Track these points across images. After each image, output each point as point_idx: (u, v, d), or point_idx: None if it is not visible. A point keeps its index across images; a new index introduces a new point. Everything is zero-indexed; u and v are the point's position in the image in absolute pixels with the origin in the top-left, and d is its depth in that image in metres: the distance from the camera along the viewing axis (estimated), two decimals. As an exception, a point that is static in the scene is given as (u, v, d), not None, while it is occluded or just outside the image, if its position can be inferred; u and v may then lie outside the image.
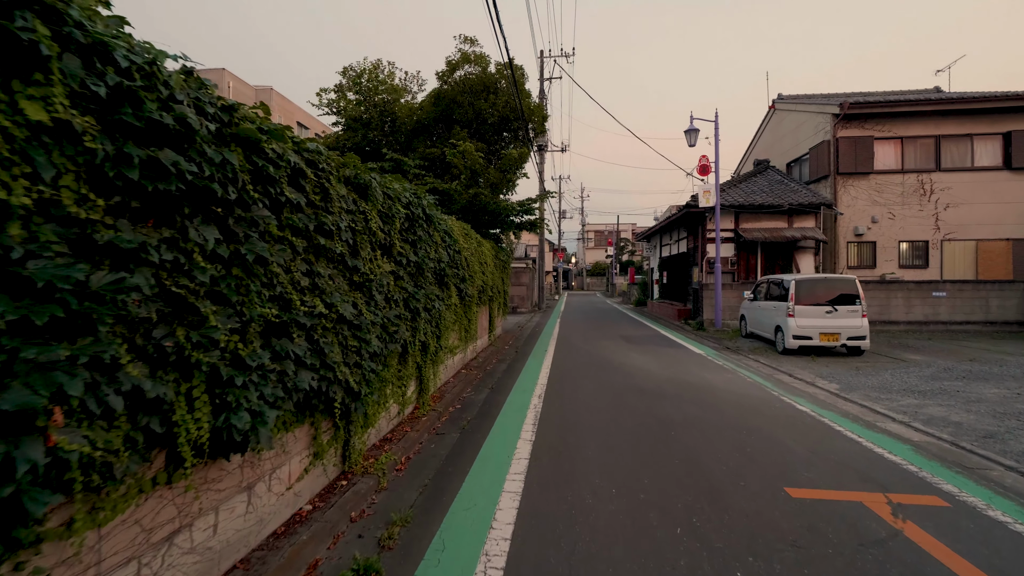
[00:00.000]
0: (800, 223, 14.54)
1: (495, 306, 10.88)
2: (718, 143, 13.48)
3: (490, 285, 9.21)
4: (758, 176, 16.53)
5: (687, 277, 16.78)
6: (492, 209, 10.10)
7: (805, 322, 9.31)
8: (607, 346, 10.66)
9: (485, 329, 10.11)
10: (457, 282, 6.51)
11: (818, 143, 15.06)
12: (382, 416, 4.24)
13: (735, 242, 14.58)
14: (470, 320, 7.85)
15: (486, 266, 8.79)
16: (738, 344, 11.01)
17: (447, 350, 6.65)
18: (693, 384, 6.85)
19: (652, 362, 8.62)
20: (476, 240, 8.02)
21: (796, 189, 15.08)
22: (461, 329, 7.41)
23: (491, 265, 9.53)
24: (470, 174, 9.94)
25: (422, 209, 4.73)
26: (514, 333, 13.13)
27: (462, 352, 7.71)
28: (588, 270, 58.48)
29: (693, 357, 9.31)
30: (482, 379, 7.33)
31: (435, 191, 9.86)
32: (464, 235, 7.10)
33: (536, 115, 12.33)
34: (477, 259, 8.08)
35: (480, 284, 8.21)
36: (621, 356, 9.27)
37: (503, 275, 11.62)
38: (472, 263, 7.52)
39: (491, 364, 8.58)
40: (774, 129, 18.59)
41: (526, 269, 22.10)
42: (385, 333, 3.77)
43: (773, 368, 8.28)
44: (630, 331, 13.75)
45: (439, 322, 5.59)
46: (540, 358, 9.10)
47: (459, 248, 6.42)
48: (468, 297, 7.21)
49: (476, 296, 8.09)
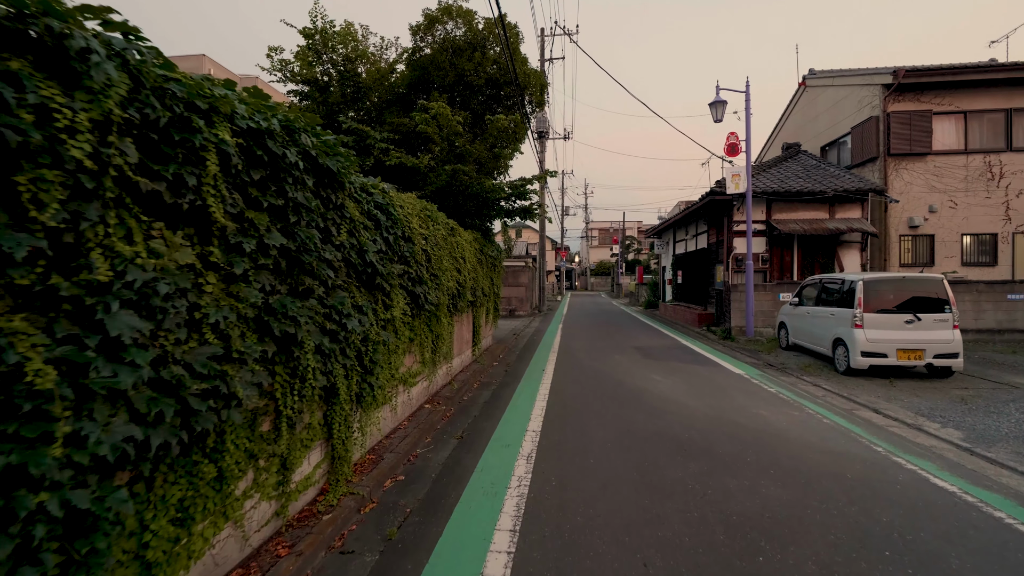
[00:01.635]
0: (844, 213, 12.41)
1: (481, 312, 8.81)
2: (749, 117, 11.38)
3: (470, 287, 7.16)
4: (789, 161, 14.40)
5: (708, 277, 14.67)
6: (475, 192, 8.03)
7: (878, 334, 7.20)
8: (620, 362, 8.58)
9: (467, 342, 8.05)
10: (409, 284, 4.45)
11: (863, 120, 12.92)
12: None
13: (766, 236, 12.47)
14: (439, 335, 5.80)
15: (464, 263, 6.73)
16: (781, 359, 8.91)
17: (398, 381, 4.60)
18: (752, 430, 4.77)
19: (682, 387, 6.54)
20: (447, 227, 5.96)
21: (837, 174, 12.95)
22: (423, 350, 5.36)
23: (473, 262, 7.47)
24: (448, 147, 7.88)
25: (302, 152, 2.65)
26: (507, 343, 11.06)
27: (427, 379, 5.65)
28: (592, 269, 56.32)
29: (733, 379, 7.22)
30: (451, 419, 5.27)
31: (401, 168, 7.81)
32: (424, 218, 5.04)
33: (533, 82, 10.25)
34: (449, 253, 6.03)
35: (454, 287, 6.15)
36: (640, 377, 7.19)
37: (492, 275, 9.56)
38: (439, 258, 5.47)
39: (469, 392, 6.51)
40: (805, 109, 16.44)
41: (525, 268, 20.04)
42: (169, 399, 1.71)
43: (845, 398, 6.18)
44: (645, 340, 11.65)
45: (370, 349, 3.54)
46: (535, 382, 7.03)
47: (410, 234, 4.36)
48: (432, 305, 5.16)
49: (448, 303, 6.04)
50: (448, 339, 6.40)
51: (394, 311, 3.96)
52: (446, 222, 5.93)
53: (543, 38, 20.66)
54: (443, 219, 5.79)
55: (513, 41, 9.76)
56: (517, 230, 51.74)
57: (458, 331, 7.28)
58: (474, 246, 7.77)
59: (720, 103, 11.39)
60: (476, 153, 8.12)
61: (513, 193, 8.49)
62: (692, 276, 16.53)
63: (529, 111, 11.83)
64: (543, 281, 22.55)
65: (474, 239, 7.85)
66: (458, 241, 6.46)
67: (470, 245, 7.41)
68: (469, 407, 5.75)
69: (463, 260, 6.66)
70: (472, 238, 7.76)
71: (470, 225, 9.38)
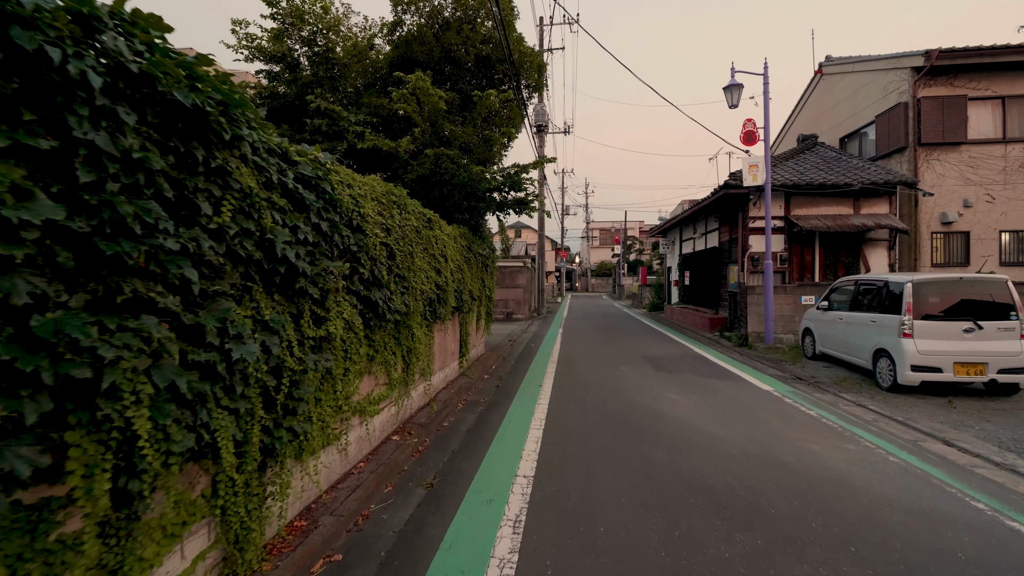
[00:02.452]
0: (870, 208, 11.36)
1: (470, 318, 7.77)
2: (768, 102, 10.34)
3: (454, 289, 6.12)
4: (806, 154, 13.35)
5: (719, 278, 13.63)
6: (462, 181, 6.98)
7: (931, 345, 6.15)
8: (628, 375, 7.53)
9: (453, 353, 7.01)
10: (360, 288, 3.41)
11: (889, 108, 11.88)
12: None
13: (785, 233, 11.42)
14: (411, 349, 4.75)
15: (445, 262, 5.69)
16: (810, 371, 7.86)
17: (351, 411, 3.56)
18: (805, 474, 3.72)
19: (705, 409, 5.49)
20: (421, 219, 4.92)
21: (861, 166, 11.90)
22: (389, 368, 4.32)
23: (457, 261, 6.44)
24: (430, 129, 6.84)
25: (115, 66, 1.59)
26: (502, 351, 10.02)
27: (395, 403, 4.61)
28: (593, 270, 55.24)
29: (762, 397, 6.17)
30: (423, 456, 4.22)
31: (376, 153, 6.78)
32: (387, 204, 3.99)
33: (530, 62, 9.21)
34: (425, 250, 4.99)
35: (431, 290, 5.11)
36: (653, 395, 6.14)
37: (483, 275, 8.52)
38: (409, 255, 4.44)
39: (452, 414, 5.46)
40: (821, 99, 15.41)
41: (523, 269, 19.00)
42: None
43: (903, 424, 5.13)
44: (654, 347, 10.60)
45: (287, 381, 2.49)
46: (530, 400, 5.99)
47: (360, 223, 3.31)
48: (399, 314, 4.12)
49: (424, 310, 4.99)
50: (425, 352, 5.36)
51: (332, 325, 2.91)
52: (421, 212, 4.88)
53: (542, 27, 19.65)
54: (416, 208, 4.75)
55: (507, 15, 8.72)
56: (516, 230, 50.74)
57: (440, 341, 6.24)
58: (460, 243, 6.73)
59: (735, 87, 10.36)
60: (463, 137, 7.08)
61: (506, 183, 7.44)
62: (701, 277, 15.49)
63: (526, 96, 10.80)
64: (542, 282, 21.51)
65: (460, 235, 6.81)
66: (437, 236, 5.41)
67: (454, 241, 6.37)
68: (448, 437, 4.70)
69: (444, 258, 5.62)
70: (458, 233, 6.71)
71: (460, 221, 8.35)
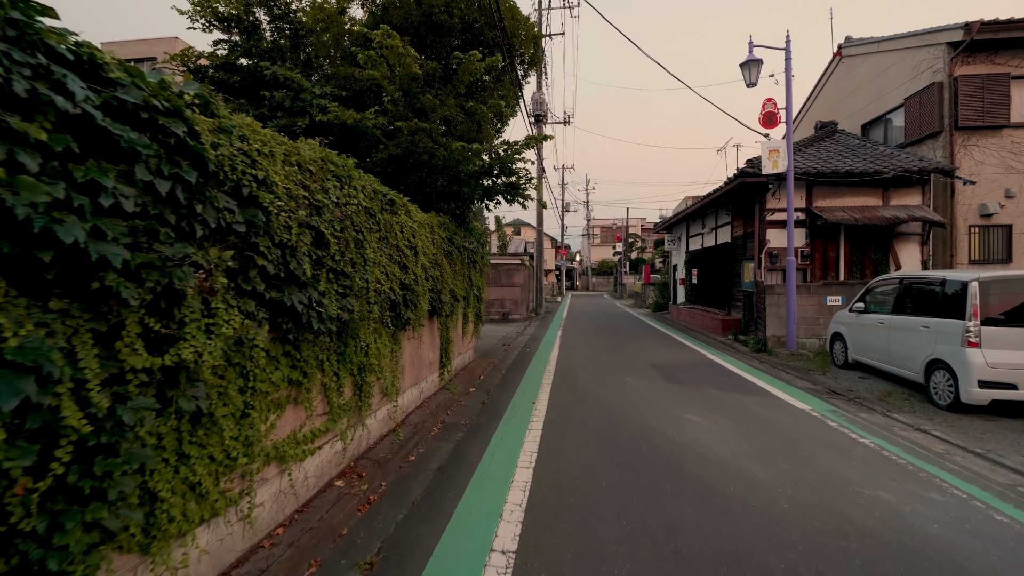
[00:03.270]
0: (900, 199, 10.30)
1: (454, 322, 6.72)
2: (790, 80, 9.27)
3: (426, 289, 5.07)
4: (826, 141, 12.28)
5: (731, 276, 12.57)
6: (443, 162, 5.92)
7: (1002, 356, 5.10)
8: (636, 389, 6.48)
9: (431, 364, 5.96)
10: (260, 287, 2.36)
11: (920, 89, 10.81)
12: None
13: (806, 227, 10.36)
14: (363, 367, 3.70)
15: (415, 256, 4.64)
16: (845, 383, 6.82)
17: (264, 459, 2.53)
18: (892, 547, 2.66)
19: (736, 440, 4.44)
20: (378, 199, 3.86)
21: (889, 153, 10.84)
22: (329, 393, 3.27)
23: (434, 255, 5.39)
24: (403, 99, 5.79)
25: None
26: (493, 357, 8.97)
27: (341, 438, 3.55)
28: (593, 269, 54.15)
29: (800, 420, 5.12)
30: (368, 515, 3.16)
31: (343, 130, 5.74)
32: (316, 173, 2.93)
33: (524, 30, 8.13)
34: (383, 239, 3.94)
35: (391, 290, 4.06)
36: (669, 418, 5.09)
37: (470, 272, 7.46)
38: (358, 245, 3.39)
39: (422, 444, 4.41)
40: (840, 84, 14.33)
41: (520, 267, 17.94)
42: None
43: (986, 459, 4.08)
44: (662, 353, 9.54)
45: (96, 448, 1.43)
46: (520, 425, 4.94)
47: (251, 189, 2.24)
48: (335, 322, 3.07)
49: (384, 315, 3.94)
50: (389, 368, 4.30)
51: (190, 346, 1.85)
52: (376, 191, 3.82)
53: (540, 9, 18.57)
54: (370, 185, 3.69)
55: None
56: (515, 227, 49.66)
57: (412, 352, 5.19)
58: (438, 234, 5.67)
59: (754, 62, 9.28)
60: (443, 111, 6.01)
61: (496, 164, 6.37)
62: (711, 275, 14.43)
63: (521, 75, 9.75)
64: (540, 281, 20.46)
65: (439, 224, 5.75)
66: (403, 223, 4.35)
67: (430, 232, 5.31)
68: (410, 480, 3.65)
69: (412, 251, 4.56)
70: (436, 223, 5.66)
71: (446, 212, 7.31)
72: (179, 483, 2.00)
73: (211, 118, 2.13)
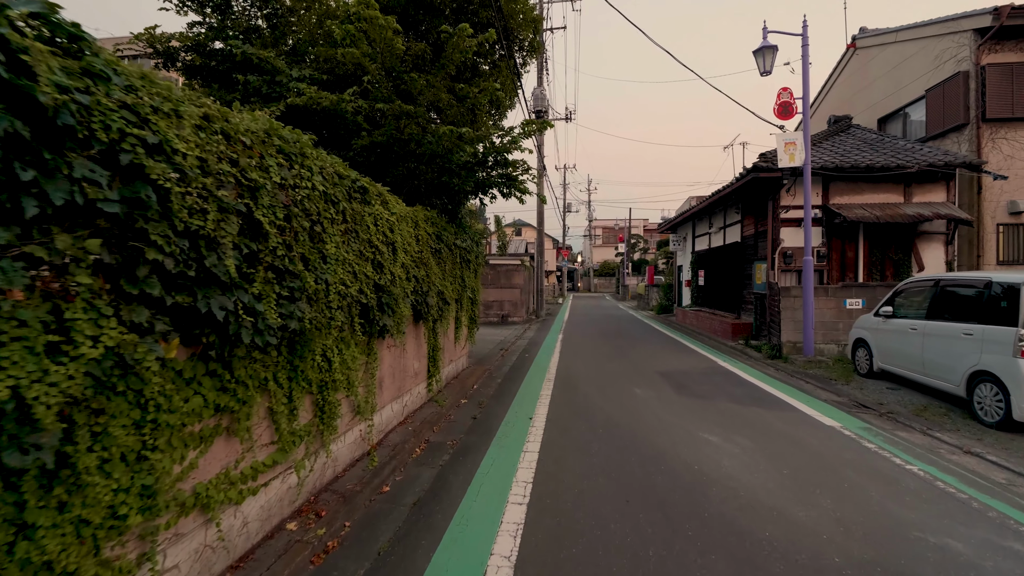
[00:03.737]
0: (923, 196, 9.68)
1: (442, 328, 6.13)
2: (807, 68, 8.66)
3: (411, 291, 4.49)
4: (841, 135, 11.66)
5: (742, 277, 11.96)
6: (432, 150, 5.32)
7: (1063, 369, 4.49)
8: (646, 403, 5.88)
9: (417, 374, 5.37)
10: (155, 290, 1.76)
11: (944, 80, 10.19)
12: None
13: (823, 225, 9.75)
14: (325, 384, 3.11)
15: (392, 253, 4.05)
16: (872, 394, 6.21)
17: (173, 511, 1.93)
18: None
19: (765, 467, 3.83)
20: (338, 184, 3.27)
21: (910, 147, 10.23)
22: (273, 420, 2.68)
23: (418, 252, 4.79)
24: (385, 78, 5.20)
25: None
26: (490, 364, 8.37)
27: (294, 471, 2.96)
28: (595, 270, 53.51)
29: (833, 441, 4.50)
30: (321, 570, 2.56)
31: (325, 115, 5.17)
32: (251, 144, 2.35)
33: (523, 12, 7.54)
34: (348, 231, 3.35)
35: (363, 293, 3.47)
36: (686, 441, 4.48)
37: (464, 272, 6.87)
38: (315, 238, 2.80)
39: (397, 475, 3.80)
40: (854, 77, 13.72)
41: (520, 267, 17.34)
42: None
43: (1059, 491, 3.46)
44: (670, 359, 8.93)
45: None
46: (514, 448, 4.34)
47: (139, 158, 1.65)
48: (275, 332, 2.48)
49: (347, 321, 3.35)
50: (365, 382, 3.72)
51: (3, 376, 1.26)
52: (343, 175, 3.23)
53: (541, 3, 18.00)
54: (332, 166, 3.10)
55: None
56: (516, 228, 49.07)
57: (394, 362, 4.60)
58: (424, 230, 5.08)
59: (768, 49, 8.69)
60: (430, 94, 5.42)
61: (490, 153, 5.78)
62: (719, 276, 13.82)
63: (520, 62, 9.17)
64: (541, 282, 19.87)
65: (425, 219, 5.16)
66: (379, 215, 3.76)
67: (414, 227, 4.72)
68: (379, 520, 3.05)
69: (391, 248, 3.97)
70: (422, 217, 5.07)
71: (438, 208, 6.73)
72: (16, 570, 1.41)
73: (77, 59, 1.54)
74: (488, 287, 16.91)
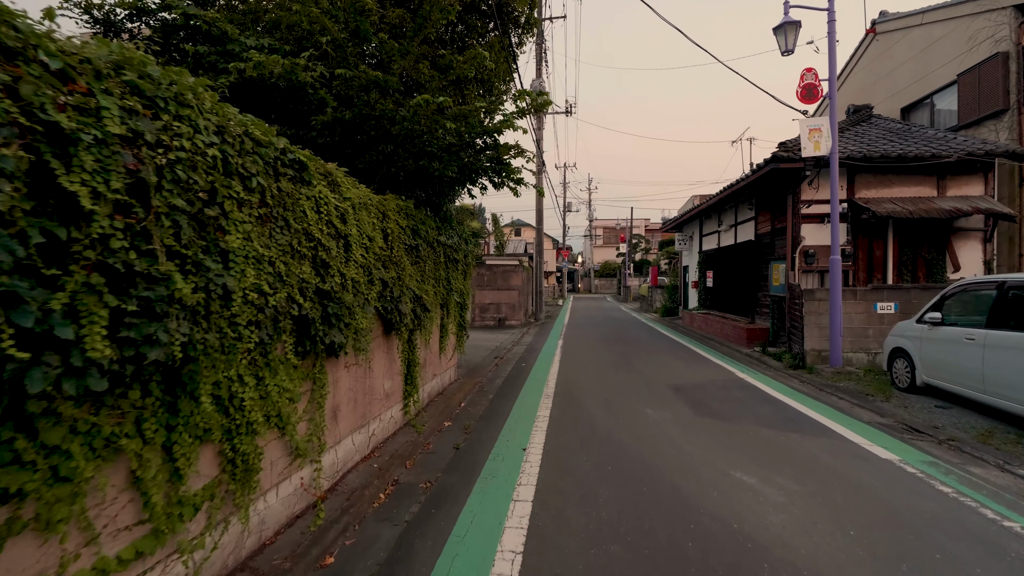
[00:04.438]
0: (959, 188, 8.83)
1: (422, 338, 5.26)
2: (834, 46, 7.79)
3: (375, 295, 3.62)
4: (863, 125, 10.81)
5: (756, 278, 11.10)
6: (407, 130, 4.46)
7: None
8: (660, 426, 5.01)
9: (388, 396, 4.50)
10: None
11: (979, 62, 9.35)
12: None
13: (848, 222, 8.89)
14: (231, 432, 2.25)
15: (343, 249, 3.18)
16: (920, 414, 5.35)
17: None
18: None
19: (824, 524, 2.96)
20: (274, 156, 2.40)
21: (941, 137, 9.37)
22: (117, 495, 1.81)
23: (394, 250, 3.93)
24: (347, 40, 4.35)
25: None
26: (481, 375, 7.49)
27: (181, 556, 2.08)
28: (596, 271, 52.61)
29: (899, 484, 3.63)
30: None
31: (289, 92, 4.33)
32: (78, 74, 1.48)
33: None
34: (269, 215, 2.48)
35: (304, 300, 2.60)
36: (715, 483, 3.61)
37: (450, 273, 6.01)
38: (214, 222, 1.93)
39: (345, 538, 2.92)
40: (874, 64, 12.88)
41: (518, 268, 16.48)
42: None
43: None
44: (683, 370, 8.06)
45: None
46: (501, 494, 3.47)
47: None
48: (98, 371, 1.60)
49: (268, 338, 2.48)
50: (311, 414, 2.85)
51: None
52: (260, 139, 2.36)
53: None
54: (239, 122, 2.23)
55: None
56: (516, 228, 48.20)
57: (354, 385, 3.73)
58: (397, 222, 4.21)
59: (790, 25, 7.83)
60: (403, 62, 4.56)
61: (477, 135, 4.92)
62: (730, 278, 12.96)
63: (515, 41, 8.31)
64: (540, 283, 19.00)
65: (397, 209, 4.30)
66: (323, 199, 2.89)
67: (380, 219, 3.86)
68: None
69: (342, 243, 3.10)
70: (395, 207, 4.20)
71: (422, 201, 5.88)
72: None
73: None
74: (484, 289, 16.06)
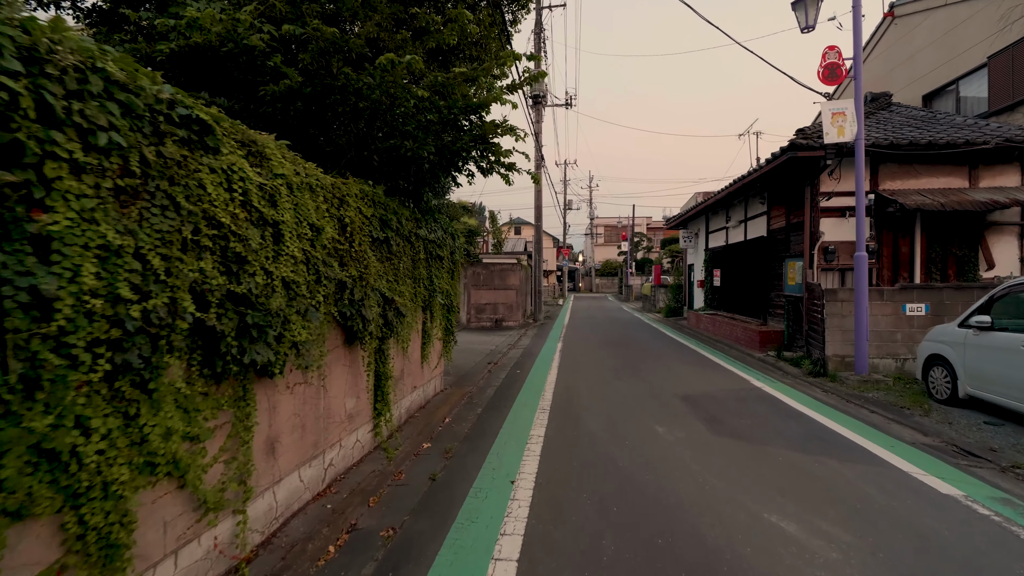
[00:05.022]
0: (992, 179, 8.12)
1: (397, 346, 4.57)
2: (859, 22, 7.06)
3: (319, 299, 2.92)
4: (883, 112, 10.09)
5: (769, 277, 10.38)
6: (374, 98, 3.77)
7: None
8: (672, 449, 4.31)
9: (353, 417, 3.81)
10: None
11: (1011, 44, 8.64)
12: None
13: (872, 215, 8.18)
14: (82, 499, 1.56)
15: (282, 239, 2.49)
16: (968, 432, 4.66)
17: None
18: None
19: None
20: (152, 107, 1.69)
21: (971, 124, 8.66)
22: None
23: (351, 242, 3.24)
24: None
25: None
26: (471, 385, 6.81)
27: None
28: (597, 269, 51.86)
29: (971, 529, 2.93)
30: None
31: (233, 58, 3.64)
32: None
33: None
34: (186, 195, 1.77)
35: (212, 304, 1.90)
36: (745, 530, 2.92)
37: (433, 272, 5.32)
38: (8, 189, 1.24)
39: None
40: (892, 49, 12.15)
41: (516, 267, 15.79)
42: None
43: None
44: (692, 378, 7.36)
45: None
46: (479, 547, 2.78)
47: None
48: None
49: (163, 359, 1.79)
50: (224, 456, 2.16)
51: None
52: (133, 84, 1.67)
53: (539, -22, 16.41)
54: (113, 62, 1.54)
55: None
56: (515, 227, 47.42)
57: (302, 409, 3.04)
58: (359, 209, 3.52)
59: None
60: (372, 25, 3.87)
61: (459, 111, 4.22)
62: (739, 276, 12.25)
63: (510, 19, 7.63)
64: (539, 283, 18.30)
65: (361, 195, 3.60)
66: (237, 173, 2.20)
67: (336, 205, 3.16)
68: None
69: (271, 232, 2.42)
70: (356, 192, 3.51)
71: (401, 191, 5.21)
72: None
73: None
74: (480, 288, 15.38)
